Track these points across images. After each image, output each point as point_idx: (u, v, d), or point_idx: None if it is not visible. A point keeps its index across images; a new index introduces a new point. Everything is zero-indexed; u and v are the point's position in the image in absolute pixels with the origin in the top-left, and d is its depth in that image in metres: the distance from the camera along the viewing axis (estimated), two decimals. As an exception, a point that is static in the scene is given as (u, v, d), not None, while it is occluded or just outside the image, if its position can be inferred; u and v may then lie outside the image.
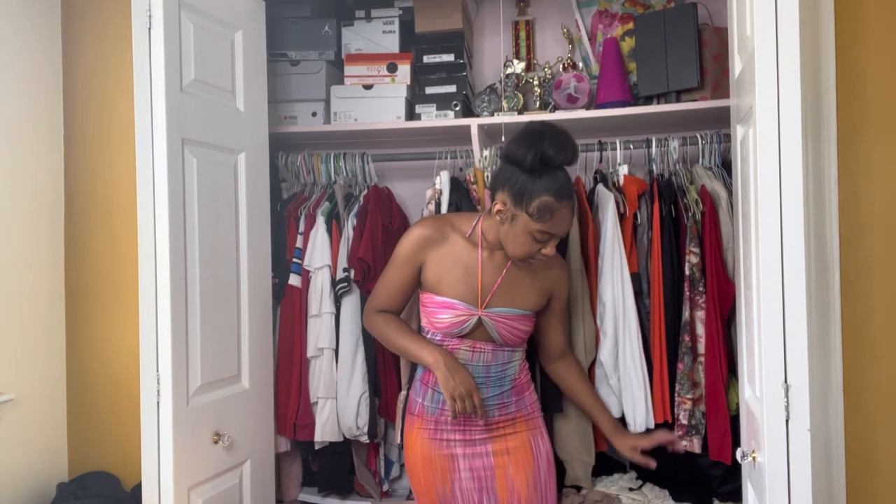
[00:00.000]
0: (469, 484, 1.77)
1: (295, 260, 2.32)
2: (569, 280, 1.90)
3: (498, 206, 1.66)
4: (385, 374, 2.28)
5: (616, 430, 1.88)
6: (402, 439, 1.91)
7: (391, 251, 2.28)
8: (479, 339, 1.75)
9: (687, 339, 1.98)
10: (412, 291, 1.84)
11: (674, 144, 2.16)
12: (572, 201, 1.63)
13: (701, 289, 1.98)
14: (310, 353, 2.28)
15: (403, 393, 2.09)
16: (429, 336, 1.79)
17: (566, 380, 1.92)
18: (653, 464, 1.81)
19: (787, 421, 1.26)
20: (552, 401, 2.02)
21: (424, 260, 1.77)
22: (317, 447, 2.29)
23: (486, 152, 2.24)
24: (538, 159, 1.57)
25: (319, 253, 2.27)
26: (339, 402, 2.23)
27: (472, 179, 2.24)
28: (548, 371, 1.94)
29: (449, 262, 1.75)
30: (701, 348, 1.98)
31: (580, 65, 2.43)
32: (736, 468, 1.83)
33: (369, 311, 1.87)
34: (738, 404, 1.82)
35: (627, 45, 2.33)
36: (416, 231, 1.78)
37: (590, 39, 2.44)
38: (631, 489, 2.12)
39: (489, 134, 2.37)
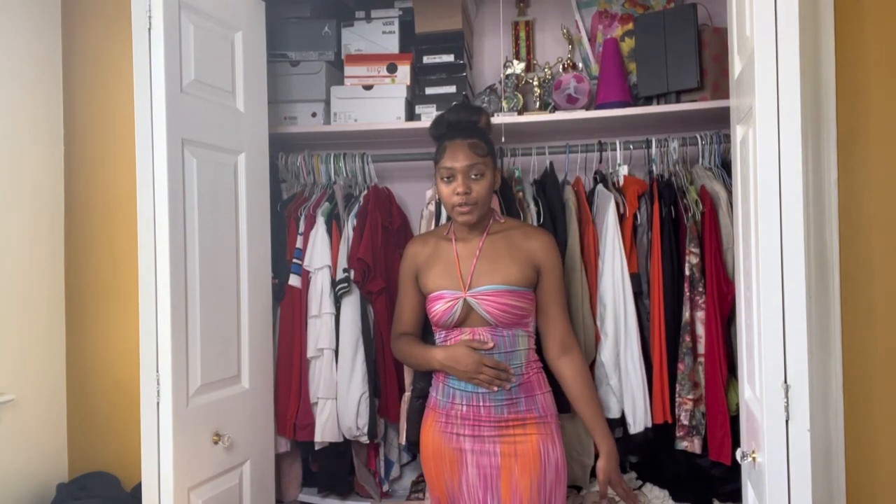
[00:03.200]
0: (475, 480, 1.78)
1: (295, 260, 2.32)
2: (558, 256, 1.86)
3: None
4: (385, 374, 2.28)
5: (602, 457, 1.83)
6: (406, 440, 1.98)
7: (391, 251, 2.31)
8: (474, 325, 1.80)
9: (688, 339, 1.98)
10: (421, 306, 1.92)
11: (674, 145, 2.16)
12: (467, 141, 1.78)
13: (701, 289, 1.98)
14: (310, 353, 2.28)
15: (407, 394, 2.09)
16: (437, 340, 1.87)
17: (564, 382, 1.86)
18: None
19: (787, 421, 1.26)
20: (560, 400, 1.99)
21: (417, 270, 1.91)
22: (317, 447, 2.29)
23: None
24: (439, 124, 1.88)
25: (319, 253, 2.27)
26: (339, 403, 2.24)
27: (471, 180, 2.24)
28: (552, 370, 1.88)
29: (432, 262, 1.88)
30: (701, 349, 1.98)
31: (580, 65, 2.43)
32: (736, 468, 1.83)
33: (393, 338, 1.99)
34: (738, 404, 1.82)
35: (627, 45, 2.33)
36: (406, 250, 1.96)
37: (590, 40, 2.44)
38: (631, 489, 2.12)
39: (489, 134, 2.36)
